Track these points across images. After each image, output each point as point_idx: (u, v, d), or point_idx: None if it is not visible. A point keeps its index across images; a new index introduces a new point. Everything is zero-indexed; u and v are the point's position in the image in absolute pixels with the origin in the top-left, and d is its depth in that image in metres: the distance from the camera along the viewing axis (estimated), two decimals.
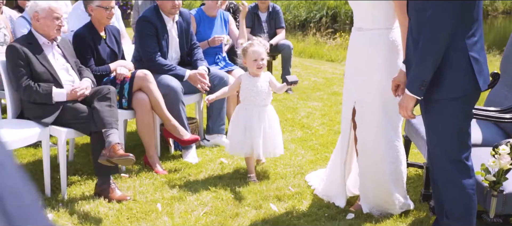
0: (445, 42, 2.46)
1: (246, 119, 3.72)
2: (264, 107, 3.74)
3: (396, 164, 3.30)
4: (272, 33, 6.82)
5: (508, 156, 2.67)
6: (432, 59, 2.48)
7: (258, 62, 3.69)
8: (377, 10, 3.05)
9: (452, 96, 2.55)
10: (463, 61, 2.50)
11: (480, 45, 2.56)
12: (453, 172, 2.66)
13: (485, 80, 2.57)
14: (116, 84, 3.92)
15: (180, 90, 4.19)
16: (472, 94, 2.59)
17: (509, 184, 2.71)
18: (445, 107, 2.59)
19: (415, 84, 2.56)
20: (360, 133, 3.28)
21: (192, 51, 4.59)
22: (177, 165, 4.10)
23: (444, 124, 2.62)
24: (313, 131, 5.05)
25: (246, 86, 3.73)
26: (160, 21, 4.29)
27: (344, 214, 3.35)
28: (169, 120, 3.99)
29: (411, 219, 3.31)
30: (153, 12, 4.29)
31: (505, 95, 3.61)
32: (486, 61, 2.61)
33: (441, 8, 2.44)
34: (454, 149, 2.64)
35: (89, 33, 3.91)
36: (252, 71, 3.75)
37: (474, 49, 2.52)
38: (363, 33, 3.15)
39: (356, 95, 3.26)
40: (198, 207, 3.39)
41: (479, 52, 2.54)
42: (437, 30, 2.46)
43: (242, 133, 3.72)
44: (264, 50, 3.73)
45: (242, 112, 3.75)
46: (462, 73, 2.52)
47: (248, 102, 3.73)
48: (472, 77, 2.52)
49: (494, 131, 3.53)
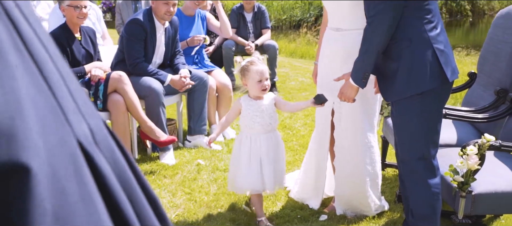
0: (386, 35, 2.49)
1: (251, 149, 3.12)
2: (271, 133, 3.16)
3: (373, 165, 3.28)
4: (257, 33, 6.80)
5: (476, 157, 2.64)
6: (374, 51, 2.53)
7: (263, 84, 3.07)
8: (358, 11, 3.02)
9: (421, 91, 2.52)
10: (428, 55, 2.48)
11: (443, 37, 2.54)
12: (419, 171, 2.64)
13: (453, 71, 2.54)
14: (91, 86, 3.90)
15: (161, 92, 4.17)
16: (441, 87, 2.55)
17: (477, 184, 2.69)
18: (414, 103, 2.57)
19: (359, 75, 2.64)
20: (338, 134, 3.26)
21: (174, 57, 4.56)
22: (153, 167, 4.07)
23: (413, 120, 2.59)
24: (295, 132, 5.02)
25: (248, 111, 3.11)
26: (151, 26, 4.25)
27: (317, 215, 3.33)
28: (145, 122, 3.97)
29: (384, 221, 3.29)
30: (146, 16, 4.24)
31: (481, 95, 3.59)
32: (452, 52, 2.60)
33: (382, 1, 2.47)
34: (422, 146, 2.61)
35: (63, 34, 3.89)
36: (254, 94, 3.12)
37: (438, 40, 2.50)
38: (342, 33, 3.11)
39: (335, 95, 3.24)
40: (171, 210, 3.36)
41: (444, 44, 2.53)
42: (378, 22, 2.49)
43: (246, 165, 3.12)
44: (267, 68, 3.16)
45: (246, 141, 3.14)
46: (428, 67, 2.50)
47: (252, 130, 3.12)
48: (439, 69, 2.49)
49: (470, 131, 3.51)
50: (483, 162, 2.67)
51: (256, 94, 3.12)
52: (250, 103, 3.12)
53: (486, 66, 3.64)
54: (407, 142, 2.65)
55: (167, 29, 4.39)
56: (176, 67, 4.44)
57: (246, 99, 3.14)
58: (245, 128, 3.16)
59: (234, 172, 3.20)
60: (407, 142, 2.65)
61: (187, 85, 4.30)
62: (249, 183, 3.13)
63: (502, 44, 3.45)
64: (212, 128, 4.82)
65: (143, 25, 4.17)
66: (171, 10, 4.22)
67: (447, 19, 18.62)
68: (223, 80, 4.88)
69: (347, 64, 3.14)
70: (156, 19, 4.26)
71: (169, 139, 4.00)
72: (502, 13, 3.58)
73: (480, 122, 3.31)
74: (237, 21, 6.72)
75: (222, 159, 4.26)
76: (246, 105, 3.12)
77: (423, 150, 2.62)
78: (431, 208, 2.64)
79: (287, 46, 11.66)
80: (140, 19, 4.17)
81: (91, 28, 4.24)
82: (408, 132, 2.63)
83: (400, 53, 2.53)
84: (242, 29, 6.73)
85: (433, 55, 2.48)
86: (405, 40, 2.51)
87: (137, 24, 4.16)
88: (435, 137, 2.64)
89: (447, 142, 3.37)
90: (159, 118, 4.09)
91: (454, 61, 2.59)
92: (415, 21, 2.50)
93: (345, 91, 2.79)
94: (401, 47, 2.52)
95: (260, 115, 3.10)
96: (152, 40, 4.26)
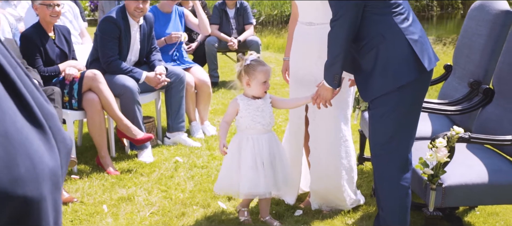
0: (348, 35, 2.49)
1: (255, 151, 2.98)
2: (270, 133, 3.06)
3: (348, 159, 3.27)
4: (240, 29, 6.78)
5: (445, 149, 2.63)
6: (340, 53, 2.54)
7: (267, 84, 2.99)
8: None
9: (399, 85, 2.49)
10: (403, 47, 2.47)
11: (415, 26, 2.53)
12: (391, 165, 2.62)
13: (430, 60, 2.52)
14: (65, 85, 3.87)
15: (135, 90, 4.14)
16: (420, 79, 2.52)
17: (448, 177, 2.68)
18: (391, 99, 2.54)
19: (329, 77, 2.66)
20: (312, 129, 3.25)
21: (150, 54, 4.53)
22: (131, 165, 4.05)
23: (390, 116, 2.57)
24: (275, 127, 5.00)
25: (248, 111, 2.97)
26: (124, 24, 4.22)
27: (292, 210, 3.32)
28: (121, 120, 3.94)
29: (360, 214, 3.29)
30: (119, 13, 4.21)
31: (456, 87, 3.59)
32: (427, 41, 2.57)
33: None
34: (398, 141, 2.59)
35: (37, 34, 3.85)
36: (256, 94, 3.00)
37: (410, 31, 2.49)
38: (315, 28, 3.10)
39: (309, 91, 3.22)
40: (146, 208, 3.35)
41: (417, 34, 2.51)
42: (339, 25, 2.49)
43: (253, 169, 2.96)
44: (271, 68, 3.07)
45: (248, 143, 2.98)
46: (404, 59, 2.48)
47: (254, 131, 2.99)
48: (415, 60, 2.47)
49: (445, 123, 3.50)
50: (452, 154, 2.67)
51: (258, 95, 3.00)
52: (249, 102, 2.99)
53: (461, 59, 3.64)
54: (382, 136, 2.63)
55: (142, 26, 4.36)
56: (152, 64, 4.42)
57: (244, 98, 3.01)
58: (245, 129, 3.00)
59: (233, 176, 3.01)
60: (381, 136, 2.63)
61: (162, 82, 4.28)
62: (256, 187, 2.97)
63: (476, 37, 3.44)
64: (191, 124, 4.80)
65: (117, 23, 4.13)
66: (141, 7, 4.19)
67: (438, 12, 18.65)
68: (202, 76, 4.86)
69: (321, 59, 3.12)
70: (130, 17, 4.23)
71: (145, 136, 3.98)
72: (476, 6, 3.57)
73: (453, 114, 3.31)
74: (220, 17, 6.69)
75: (200, 156, 4.25)
76: (244, 105, 2.98)
77: (397, 144, 2.60)
78: (400, 202, 2.63)
79: (275, 42, 11.65)
80: (113, 17, 4.14)
81: (65, 26, 4.20)
82: (383, 127, 2.61)
83: (375, 50, 2.50)
84: (225, 25, 6.70)
85: (408, 46, 2.46)
86: (378, 37, 2.49)
87: (110, 22, 4.13)
88: (411, 132, 2.63)
89: (422, 135, 3.36)
90: (135, 116, 4.06)
91: (430, 49, 2.57)
92: (385, 17, 2.49)
93: (321, 93, 2.79)
94: (375, 44, 2.50)
95: (260, 115, 2.99)
96: (126, 38, 4.23)
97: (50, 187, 0.73)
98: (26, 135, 0.71)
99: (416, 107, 2.63)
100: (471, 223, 3.21)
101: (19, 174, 0.68)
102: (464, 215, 3.29)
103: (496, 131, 2.93)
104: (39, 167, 0.71)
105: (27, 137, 0.71)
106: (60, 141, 0.79)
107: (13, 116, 0.71)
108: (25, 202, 0.69)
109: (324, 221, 3.19)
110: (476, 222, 3.21)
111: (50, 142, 0.76)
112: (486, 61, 3.30)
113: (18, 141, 0.70)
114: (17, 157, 0.69)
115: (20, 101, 0.74)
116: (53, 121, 0.79)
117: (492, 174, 2.72)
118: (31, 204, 0.70)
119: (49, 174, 0.73)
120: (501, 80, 3.05)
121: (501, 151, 2.95)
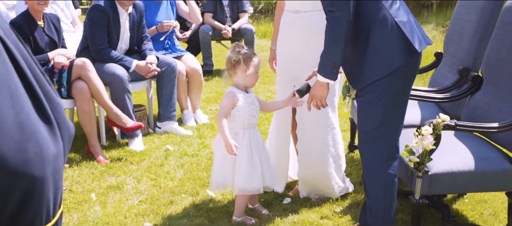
0: (349, 24, 2.40)
1: (251, 146, 2.91)
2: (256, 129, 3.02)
3: (336, 147, 3.27)
4: (234, 17, 6.75)
5: (431, 137, 2.62)
6: (341, 42, 2.44)
7: (257, 76, 2.99)
8: None
9: (392, 70, 2.46)
10: (392, 30, 2.43)
11: (403, 9, 2.50)
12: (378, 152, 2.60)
13: (420, 42, 2.48)
14: (55, 73, 3.86)
15: (125, 79, 4.13)
16: (410, 63, 2.48)
17: (434, 164, 2.67)
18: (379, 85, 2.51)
19: (328, 68, 2.52)
20: (300, 117, 3.24)
21: (142, 43, 4.51)
22: (121, 153, 4.05)
23: (379, 102, 2.54)
24: (267, 115, 5.00)
25: (244, 104, 2.88)
26: (113, 12, 4.20)
27: (281, 199, 3.32)
28: (111, 108, 3.93)
29: (348, 202, 3.29)
30: (108, 1, 4.19)
31: (445, 75, 3.57)
32: (416, 22, 2.54)
33: None
34: (385, 129, 2.57)
35: (25, 22, 3.83)
36: (250, 85, 2.94)
37: (398, 14, 2.46)
38: (302, 15, 3.10)
39: (295, 78, 3.21)
40: (134, 196, 3.35)
41: (406, 16, 2.48)
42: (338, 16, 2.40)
43: (250, 165, 2.89)
44: None
45: (243, 139, 2.89)
46: (395, 42, 2.44)
47: (250, 125, 2.93)
48: (405, 42, 2.44)
49: (435, 111, 3.49)
50: (438, 142, 2.65)
51: (251, 85, 2.95)
52: (244, 95, 2.89)
53: (451, 46, 3.62)
54: (369, 123, 2.60)
55: (131, 15, 4.33)
56: (144, 53, 4.40)
57: (240, 91, 2.90)
58: (242, 123, 2.89)
59: (227, 170, 2.93)
60: (369, 123, 2.60)
61: (153, 71, 4.26)
62: (253, 183, 2.89)
63: (466, 23, 3.42)
64: (183, 113, 4.79)
65: (105, 11, 4.11)
66: None
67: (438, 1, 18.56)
68: (193, 65, 4.84)
69: (308, 48, 3.11)
70: (119, 5, 4.21)
71: (135, 125, 3.97)
72: None
73: (442, 101, 3.30)
74: (214, 5, 6.66)
75: (191, 144, 4.24)
76: (243, 97, 2.88)
77: (385, 132, 2.58)
78: (385, 189, 2.62)
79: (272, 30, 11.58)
80: (101, 5, 4.12)
81: (55, 15, 4.18)
82: (371, 114, 2.58)
83: (365, 36, 2.47)
84: (219, 13, 6.67)
85: (397, 28, 2.44)
86: (368, 23, 2.46)
87: (99, 10, 4.11)
88: (399, 120, 2.61)
89: (411, 123, 3.35)
90: (125, 104, 4.05)
91: (421, 30, 2.54)
92: (374, 3, 2.46)
93: (316, 92, 2.63)
94: (364, 29, 2.47)
95: (255, 109, 2.94)
96: (115, 26, 4.21)
97: (51, 170, 0.92)
98: (36, 126, 0.91)
99: (404, 94, 2.61)
100: (460, 211, 3.21)
101: (29, 157, 0.87)
102: (452, 203, 3.29)
103: (484, 118, 2.92)
104: (44, 152, 0.91)
105: (36, 127, 0.91)
106: (64, 128, 0.99)
107: (28, 109, 0.90)
108: (32, 180, 0.89)
109: (313, 209, 3.19)
110: (464, 209, 3.21)
111: (55, 132, 0.95)
112: (475, 48, 3.28)
113: (30, 130, 0.89)
114: (28, 143, 0.88)
115: (33, 95, 0.93)
116: (59, 112, 0.99)
117: (479, 162, 2.71)
118: (36, 182, 0.89)
119: (52, 158, 0.92)
120: (489, 67, 3.03)
121: (489, 138, 2.94)
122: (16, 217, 0.90)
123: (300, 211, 3.15)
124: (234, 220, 3.01)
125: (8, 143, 0.85)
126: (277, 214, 3.10)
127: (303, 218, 3.06)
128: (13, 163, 0.85)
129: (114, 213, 3.11)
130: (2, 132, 0.85)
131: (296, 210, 3.17)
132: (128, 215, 3.09)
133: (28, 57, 0.96)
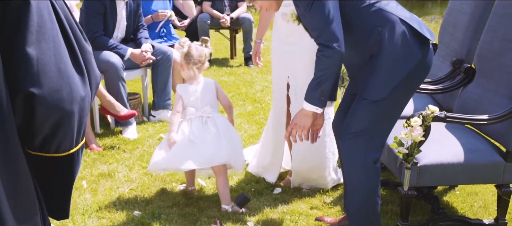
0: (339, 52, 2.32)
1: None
2: None
3: (330, 137, 3.26)
4: (233, 6, 6.72)
5: (420, 128, 2.60)
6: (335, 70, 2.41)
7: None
8: None
9: (410, 68, 2.41)
10: (401, 28, 2.39)
11: (399, 7, 2.48)
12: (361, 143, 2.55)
13: (429, 32, 2.46)
14: None
15: (120, 67, 4.12)
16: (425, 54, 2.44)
17: (423, 156, 2.66)
18: None
19: (315, 95, 2.40)
20: (294, 108, 3.23)
21: (138, 31, 4.50)
22: (114, 141, 4.05)
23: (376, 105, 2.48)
24: (264, 105, 4.99)
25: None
26: (110, 0, 4.19)
27: (271, 188, 3.32)
28: (105, 96, 3.93)
29: (339, 193, 3.28)
30: None
31: (439, 66, 3.55)
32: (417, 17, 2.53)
33: None
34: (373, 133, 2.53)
35: None
36: (188, 79, 3.11)
37: (398, 10, 2.44)
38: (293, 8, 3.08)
39: (290, 69, 3.21)
40: (125, 184, 3.35)
41: (406, 11, 2.46)
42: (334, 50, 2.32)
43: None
44: None
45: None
46: (408, 38, 2.39)
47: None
48: (415, 34, 2.40)
49: (427, 103, 3.46)
50: (428, 133, 2.64)
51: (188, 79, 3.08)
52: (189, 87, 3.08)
53: (445, 37, 3.59)
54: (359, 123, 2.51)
55: (128, 3, 4.32)
56: (139, 41, 4.40)
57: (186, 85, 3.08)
58: None
59: None
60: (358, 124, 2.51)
61: (147, 60, 4.26)
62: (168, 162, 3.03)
63: (460, 14, 3.39)
64: None
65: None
66: None
67: None
68: None
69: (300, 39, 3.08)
70: None
71: (129, 113, 3.97)
72: None
73: (434, 93, 3.29)
74: None
75: None
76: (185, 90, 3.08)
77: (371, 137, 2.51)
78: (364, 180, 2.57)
79: None
80: None
81: None
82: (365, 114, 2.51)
83: (378, 43, 2.40)
84: (218, 2, 6.65)
85: (404, 24, 2.41)
86: (375, 30, 2.39)
87: None
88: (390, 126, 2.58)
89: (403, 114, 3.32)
90: (119, 92, 4.05)
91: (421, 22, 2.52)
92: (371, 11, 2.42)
93: (298, 121, 2.48)
94: (374, 38, 2.40)
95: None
96: (112, 14, 4.21)
97: (78, 108, 1.19)
98: (71, 73, 1.18)
99: (404, 101, 2.60)
100: (450, 203, 3.20)
101: (62, 95, 1.15)
102: (443, 195, 3.28)
103: (476, 110, 2.90)
104: (74, 94, 1.17)
105: (71, 74, 1.17)
106: (92, 77, 1.25)
107: (66, 59, 1.17)
108: (63, 114, 1.16)
109: (303, 199, 3.19)
110: (455, 201, 3.20)
111: (84, 79, 1.21)
112: (469, 39, 3.25)
113: (65, 75, 1.16)
114: (63, 85, 1.15)
115: (70, 46, 1.19)
116: (88, 59, 1.26)
117: (468, 154, 2.70)
118: (65, 115, 1.17)
119: (79, 99, 1.19)
120: (482, 59, 3.01)
121: (480, 130, 2.93)
122: (48, 140, 1.19)
123: (290, 201, 3.15)
124: (224, 209, 3.01)
125: (48, 84, 1.12)
126: (267, 204, 3.11)
127: (293, 208, 3.06)
128: (50, 99, 1.13)
129: (104, 201, 3.12)
130: (44, 76, 1.12)
131: (286, 200, 3.17)
132: (118, 203, 3.10)
133: (68, 12, 1.23)
